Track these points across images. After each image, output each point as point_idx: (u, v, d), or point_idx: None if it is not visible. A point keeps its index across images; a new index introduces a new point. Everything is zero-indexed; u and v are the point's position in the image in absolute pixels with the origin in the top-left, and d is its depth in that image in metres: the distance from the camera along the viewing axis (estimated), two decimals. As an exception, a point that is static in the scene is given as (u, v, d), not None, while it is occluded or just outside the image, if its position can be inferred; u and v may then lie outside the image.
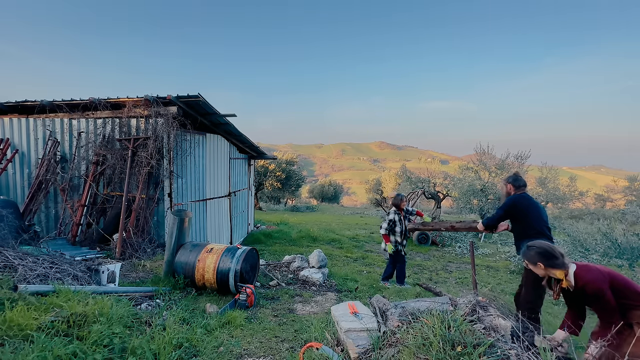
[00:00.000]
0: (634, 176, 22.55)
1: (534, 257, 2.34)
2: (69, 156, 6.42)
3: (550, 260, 2.28)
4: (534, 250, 2.37)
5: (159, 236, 6.04)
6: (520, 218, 3.65)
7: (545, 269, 2.31)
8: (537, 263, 2.33)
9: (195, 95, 5.76)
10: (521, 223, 3.65)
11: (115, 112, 6.26)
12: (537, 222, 3.57)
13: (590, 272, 2.19)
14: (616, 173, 59.85)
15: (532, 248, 2.39)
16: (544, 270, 2.33)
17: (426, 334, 2.16)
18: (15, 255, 3.46)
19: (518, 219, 3.67)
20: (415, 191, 15.05)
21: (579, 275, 2.21)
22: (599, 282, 2.13)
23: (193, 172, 6.72)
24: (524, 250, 2.48)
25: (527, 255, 2.41)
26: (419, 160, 27.72)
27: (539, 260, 2.31)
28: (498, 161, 14.10)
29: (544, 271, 2.34)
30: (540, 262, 2.31)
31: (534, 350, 2.08)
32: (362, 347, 2.53)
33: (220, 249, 4.45)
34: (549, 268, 2.30)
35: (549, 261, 2.29)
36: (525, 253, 2.44)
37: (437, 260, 8.80)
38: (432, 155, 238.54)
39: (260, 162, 23.50)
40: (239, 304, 3.91)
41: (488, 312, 2.43)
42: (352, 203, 44.20)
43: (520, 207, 3.62)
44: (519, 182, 3.78)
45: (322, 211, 26.28)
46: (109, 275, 3.93)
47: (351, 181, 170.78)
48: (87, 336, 2.42)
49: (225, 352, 2.85)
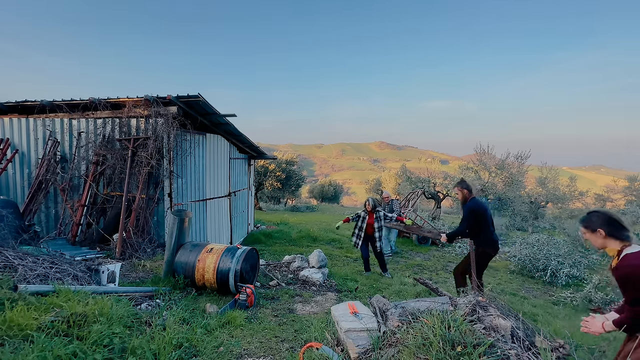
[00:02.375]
0: (634, 176, 22.55)
1: (597, 222, 2.10)
2: (69, 156, 6.42)
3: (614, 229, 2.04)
4: (600, 215, 2.11)
5: (159, 236, 6.04)
6: (480, 221, 4.16)
7: (606, 237, 2.06)
8: (598, 230, 2.08)
9: (195, 95, 5.76)
10: (479, 225, 4.16)
11: (115, 112, 6.26)
12: (490, 221, 4.21)
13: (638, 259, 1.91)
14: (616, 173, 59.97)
15: (598, 213, 2.13)
16: (603, 239, 2.08)
17: (426, 334, 2.16)
18: (15, 255, 3.46)
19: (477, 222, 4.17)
20: (415, 191, 15.04)
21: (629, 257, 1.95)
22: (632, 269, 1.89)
23: (193, 172, 6.72)
24: (584, 217, 2.22)
25: (589, 221, 2.14)
26: (419, 160, 27.70)
27: (601, 227, 2.07)
28: (498, 161, 14.11)
29: (602, 240, 2.08)
30: (602, 229, 2.07)
31: (534, 351, 2.08)
32: (362, 347, 2.53)
33: (220, 249, 4.45)
34: (610, 237, 2.05)
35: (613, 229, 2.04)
36: (587, 219, 2.18)
37: (437, 260, 8.79)
38: (432, 155, 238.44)
39: (260, 162, 23.50)
40: (239, 304, 3.91)
41: (488, 312, 2.43)
42: (352, 203, 44.18)
43: (481, 212, 4.15)
44: (471, 188, 4.30)
45: (322, 211, 26.26)
46: (109, 275, 3.93)
47: (351, 181, 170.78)
48: (87, 336, 2.42)
49: (225, 352, 2.85)
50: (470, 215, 4.15)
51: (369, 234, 6.38)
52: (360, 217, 6.45)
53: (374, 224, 6.32)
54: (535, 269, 7.46)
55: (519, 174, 13.47)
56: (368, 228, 6.34)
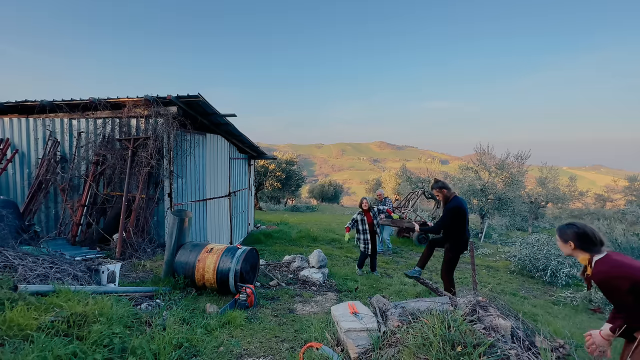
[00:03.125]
0: (634, 176, 22.56)
1: (569, 235, 2.21)
2: (69, 156, 6.42)
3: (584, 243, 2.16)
4: (573, 229, 2.21)
5: (159, 236, 6.04)
6: (461, 220, 4.15)
7: (574, 249, 2.19)
8: (569, 242, 2.21)
9: (195, 95, 5.76)
10: (458, 224, 4.14)
11: (115, 112, 6.26)
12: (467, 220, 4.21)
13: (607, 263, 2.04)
14: (616, 173, 59.90)
15: (572, 227, 2.23)
16: (572, 250, 2.21)
17: (426, 334, 2.16)
18: (15, 255, 3.46)
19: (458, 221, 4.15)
20: (415, 191, 15.03)
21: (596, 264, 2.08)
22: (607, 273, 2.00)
23: (193, 172, 6.72)
24: (561, 226, 2.33)
25: (563, 232, 2.27)
26: (419, 160, 27.70)
27: (572, 240, 2.19)
28: (498, 161, 14.11)
29: (571, 251, 2.23)
30: (572, 242, 2.19)
31: (534, 351, 2.08)
32: (362, 347, 2.53)
33: (220, 249, 4.45)
34: (578, 250, 2.17)
35: (582, 244, 2.16)
36: (562, 229, 2.29)
37: (437, 260, 8.79)
38: (432, 155, 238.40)
39: (260, 162, 23.49)
40: (239, 304, 3.91)
41: (488, 312, 2.43)
42: (352, 203, 44.16)
43: (462, 212, 4.13)
44: (449, 186, 4.29)
45: (322, 211, 26.27)
46: (109, 275, 3.93)
47: (351, 181, 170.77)
48: (87, 336, 2.42)
49: (225, 352, 2.85)
50: (453, 215, 4.12)
51: (371, 233, 6.42)
52: (358, 220, 6.44)
53: (373, 222, 6.40)
54: (535, 269, 7.47)
55: (519, 174, 13.46)
56: (370, 228, 6.38)
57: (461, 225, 4.15)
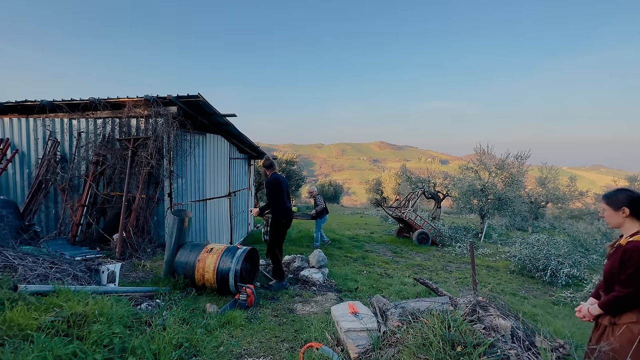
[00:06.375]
0: (634, 176, 22.54)
1: (622, 201, 2.05)
2: (69, 156, 6.42)
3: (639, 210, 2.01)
4: (627, 193, 2.05)
5: (159, 236, 6.04)
6: (279, 193, 4.71)
7: (628, 216, 2.02)
8: (622, 208, 2.03)
9: (195, 95, 5.76)
10: (278, 197, 4.71)
11: (115, 112, 6.26)
12: (286, 193, 4.84)
13: None
14: (616, 173, 59.86)
15: (626, 191, 2.06)
16: (624, 218, 2.04)
17: (426, 334, 2.16)
18: (15, 255, 3.46)
19: (277, 195, 4.71)
20: (415, 191, 15.03)
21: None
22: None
23: (193, 172, 6.72)
24: (609, 193, 2.16)
25: (615, 199, 2.08)
26: (419, 160, 27.68)
27: (627, 206, 2.02)
28: (498, 161, 14.09)
29: (622, 220, 2.05)
30: (628, 208, 2.02)
31: (534, 351, 2.08)
32: (362, 347, 2.53)
33: (220, 249, 4.45)
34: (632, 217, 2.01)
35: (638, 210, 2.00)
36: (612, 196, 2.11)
37: (437, 260, 8.80)
38: (432, 155, 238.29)
39: (260, 162, 23.47)
40: (239, 304, 3.91)
41: (488, 312, 2.43)
42: (352, 203, 44.18)
43: (280, 185, 4.72)
44: (271, 164, 4.88)
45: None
46: (109, 275, 3.93)
47: (351, 181, 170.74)
48: (87, 336, 2.42)
49: (225, 352, 2.85)
50: (271, 190, 4.70)
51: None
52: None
53: None
54: (535, 269, 7.46)
55: (519, 174, 13.45)
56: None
57: (280, 197, 4.75)
